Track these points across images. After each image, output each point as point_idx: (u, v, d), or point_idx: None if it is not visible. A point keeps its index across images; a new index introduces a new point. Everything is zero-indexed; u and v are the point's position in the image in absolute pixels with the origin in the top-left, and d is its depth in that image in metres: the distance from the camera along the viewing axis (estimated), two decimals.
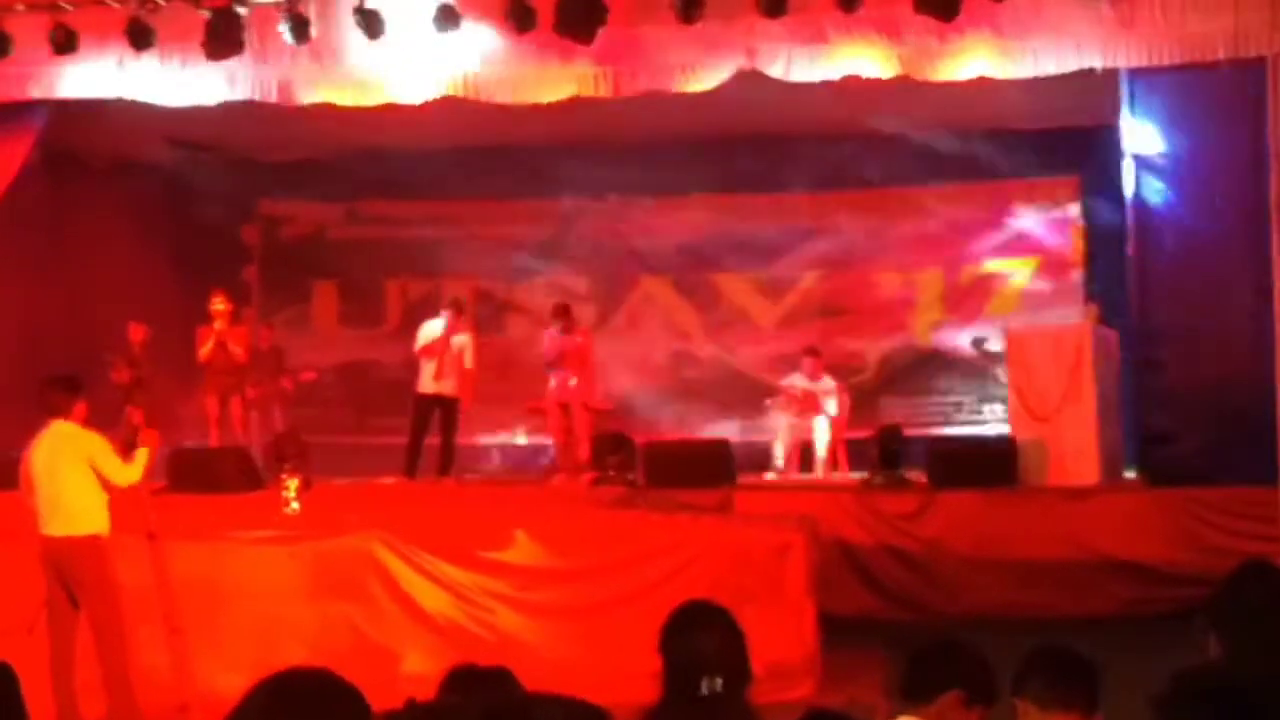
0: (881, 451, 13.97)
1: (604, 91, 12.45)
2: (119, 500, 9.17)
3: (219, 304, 15.20)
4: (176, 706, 9.07)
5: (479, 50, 12.25)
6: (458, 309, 15.34)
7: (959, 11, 11.15)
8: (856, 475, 14.56)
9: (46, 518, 8.93)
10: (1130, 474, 13.83)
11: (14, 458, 9.46)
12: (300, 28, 12.23)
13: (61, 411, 9.00)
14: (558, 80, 12.37)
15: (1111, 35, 11.62)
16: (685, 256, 18.91)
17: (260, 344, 16.50)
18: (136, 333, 14.52)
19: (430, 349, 14.99)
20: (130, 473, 9.17)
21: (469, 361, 15.09)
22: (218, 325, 15.10)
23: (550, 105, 12.77)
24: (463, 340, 15.08)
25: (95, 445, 9.11)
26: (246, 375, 15.50)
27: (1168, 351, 13.62)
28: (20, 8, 12.48)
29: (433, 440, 15.09)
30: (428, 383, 15.04)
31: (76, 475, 8.91)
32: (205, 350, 15.09)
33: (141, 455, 9.23)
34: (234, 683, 3.10)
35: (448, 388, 15.00)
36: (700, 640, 4.46)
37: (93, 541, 8.90)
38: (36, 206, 15.35)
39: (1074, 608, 11.67)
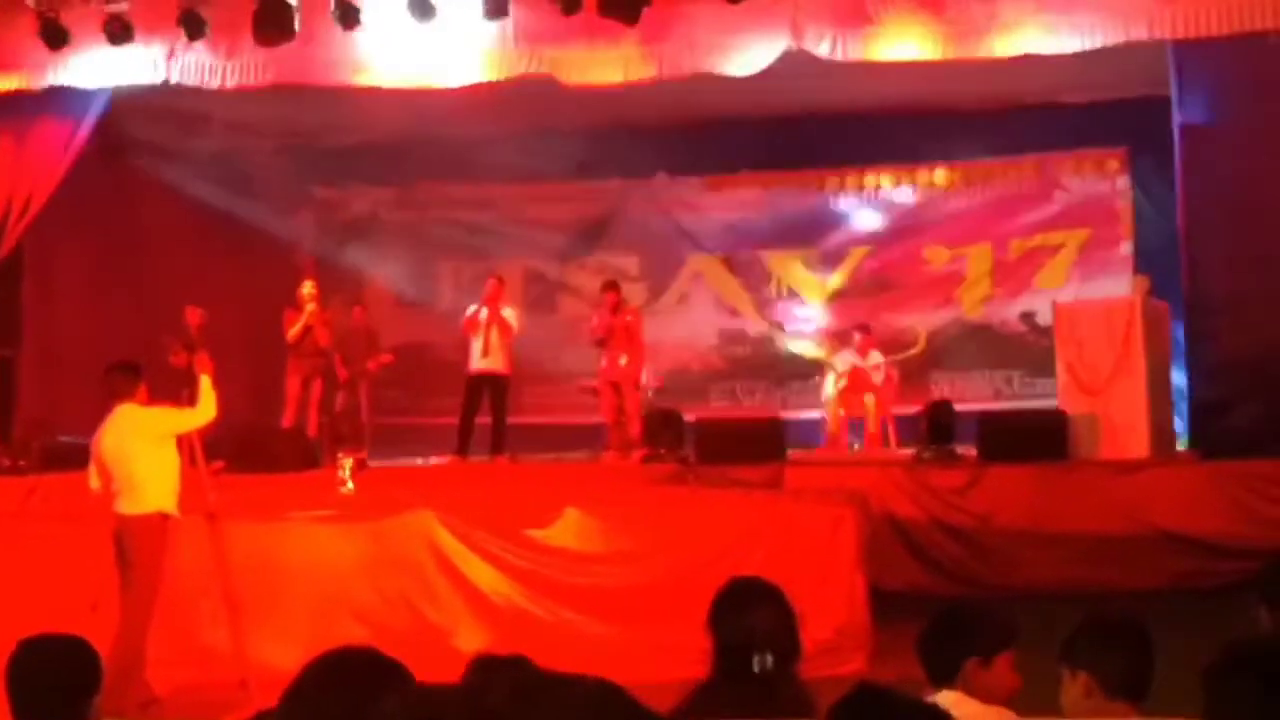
0: (931, 426, 13.99)
1: (651, 74, 12.52)
2: (182, 481, 9.29)
3: (308, 288, 15.37)
4: (235, 683, 9.17)
5: (526, 34, 12.34)
6: (497, 280, 15.45)
7: None
8: (907, 450, 14.58)
9: (118, 497, 9.06)
10: (1182, 447, 13.80)
11: (80, 444, 9.61)
12: (350, 14, 12.37)
13: (125, 395, 9.14)
14: (605, 63, 12.45)
15: (1157, 6, 11.61)
16: (734, 235, 19.00)
17: (352, 324, 16.75)
18: (193, 316, 14.70)
19: (471, 323, 15.12)
20: (202, 411, 9.30)
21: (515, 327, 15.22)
22: (309, 308, 15.24)
23: (598, 87, 12.86)
24: (509, 313, 15.19)
25: (161, 417, 9.28)
26: (330, 358, 15.67)
27: (1219, 323, 13.59)
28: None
29: (485, 419, 15.20)
30: (476, 361, 15.15)
31: (146, 455, 9.04)
32: (293, 332, 15.25)
33: (205, 385, 9.32)
34: (291, 660, 3.20)
35: (495, 365, 15.10)
36: (751, 617, 4.49)
37: (157, 519, 9.01)
38: (94, 192, 15.54)
39: (1126, 581, 11.59)
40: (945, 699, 4.18)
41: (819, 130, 17.53)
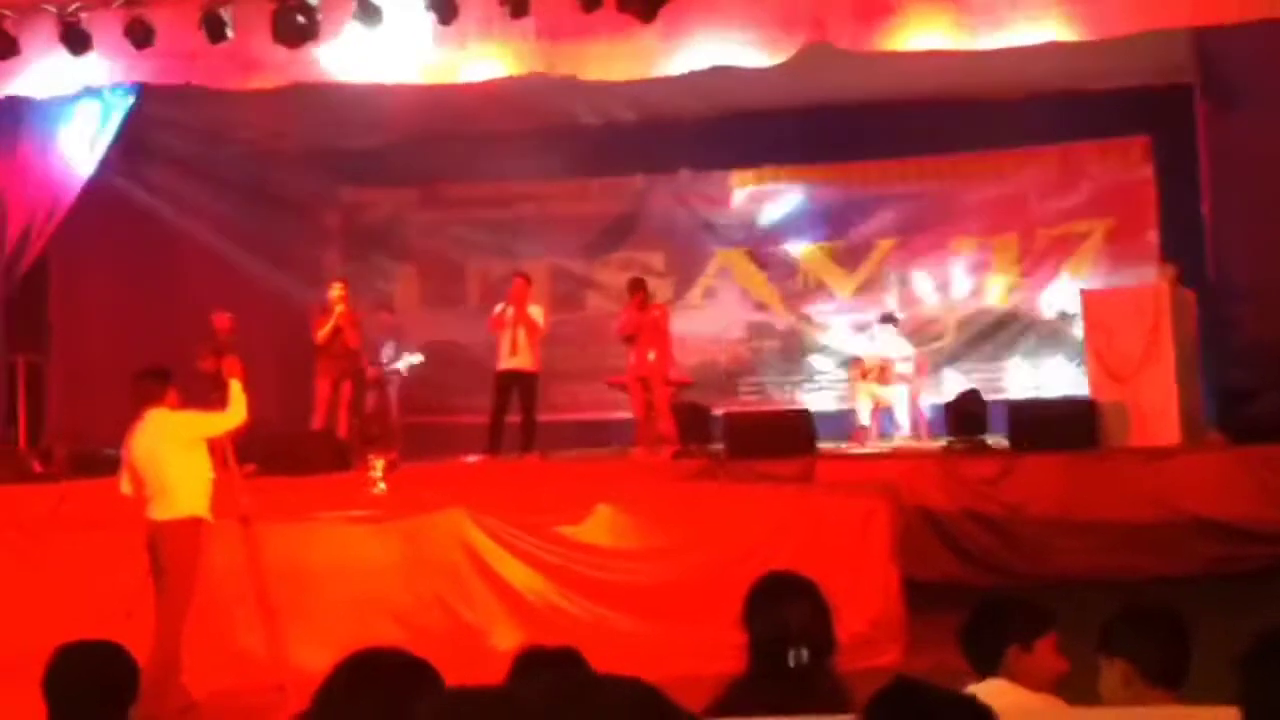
0: (961, 416, 13.97)
1: (672, 68, 12.53)
2: (214, 485, 9.31)
3: (336, 290, 15.38)
4: (272, 687, 9.19)
5: (546, 30, 12.35)
6: (523, 278, 15.44)
7: None
8: (937, 441, 14.55)
9: (150, 503, 9.08)
10: (1211, 433, 13.75)
11: (110, 451, 9.62)
12: (371, 12, 12.38)
13: (155, 400, 9.15)
14: (625, 58, 12.45)
15: None
16: (759, 228, 18.99)
17: (380, 324, 16.87)
18: (221, 321, 14.76)
19: (498, 321, 15.13)
20: (233, 414, 9.35)
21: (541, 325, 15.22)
22: (339, 310, 15.26)
23: (619, 81, 12.87)
24: (535, 311, 15.19)
25: (192, 421, 9.30)
26: (359, 359, 15.70)
27: (1245, 309, 13.57)
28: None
29: (515, 418, 15.20)
30: (504, 359, 15.17)
31: (178, 459, 9.06)
32: (322, 334, 15.26)
33: (235, 389, 9.37)
34: (328, 663, 3.20)
35: (524, 363, 15.11)
36: (786, 612, 4.49)
37: (191, 524, 9.04)
38: (119, 198, 15.59)
39: (1159, 568, 11.58)
40: (990, 688, 4.20)
41: (843, 122, 17.48)
